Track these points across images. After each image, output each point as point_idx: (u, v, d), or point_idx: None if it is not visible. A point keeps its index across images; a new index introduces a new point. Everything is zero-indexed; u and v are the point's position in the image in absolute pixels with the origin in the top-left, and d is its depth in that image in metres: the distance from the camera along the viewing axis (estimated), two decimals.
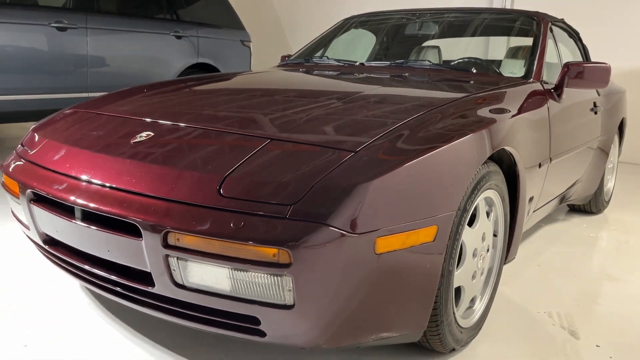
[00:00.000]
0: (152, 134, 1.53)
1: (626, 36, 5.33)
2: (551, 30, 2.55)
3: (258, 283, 1.20)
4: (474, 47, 5.69)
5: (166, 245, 1.24)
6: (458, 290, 1.58)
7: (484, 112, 1.68)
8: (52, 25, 3.94)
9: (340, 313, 1.23)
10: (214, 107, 1.81)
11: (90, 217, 1.39)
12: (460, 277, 1.54)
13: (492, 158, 1.67)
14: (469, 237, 1.55)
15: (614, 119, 3.15)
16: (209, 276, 1.24)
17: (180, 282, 1.28)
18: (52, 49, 3.98)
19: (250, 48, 5.93)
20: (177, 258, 1.25)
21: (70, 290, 1.90)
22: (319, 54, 2.92)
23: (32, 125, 1.88)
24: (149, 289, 1.34)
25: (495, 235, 1.76)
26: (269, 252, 1.16)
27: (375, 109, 1.67)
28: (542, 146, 2.02)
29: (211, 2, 5.61)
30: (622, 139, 3.54)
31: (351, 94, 1.84)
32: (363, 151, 1.31)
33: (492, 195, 1.65)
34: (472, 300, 1.69)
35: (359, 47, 3.39)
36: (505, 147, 1.63)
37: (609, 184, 3.46)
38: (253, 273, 1.19)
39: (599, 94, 2.90)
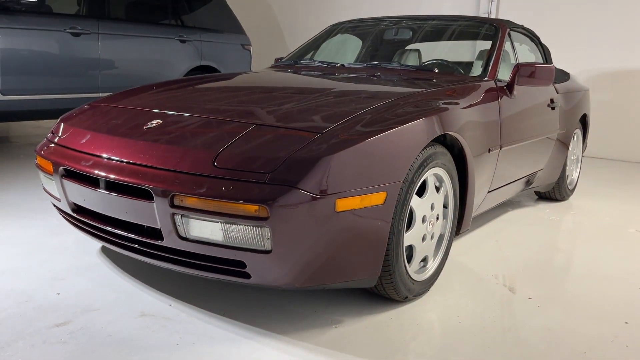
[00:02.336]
0: (161, 121, 1.89)
1: (602, 40, 5.68)
2: (509, 35, 2.90)
3: (244, 233, 1.55)
4: (463, 50, 6.07)
5: (173, 205, 1.59)
6: (411, 249, 1.93)
7: (437, 103, 2.03)
8: (67, 30, 4.31)
9: (309, 259, 1.58)
10: (213, 101, 2.17)
11: (112, 187, 1.74)
12: (411, 237, 1.89)
13: (444, 143, 2.03)
14: (418, 205, 1.90)
15: (574, 115, 3.49)
16: (206, 229, 1.59)
17: (184, 236, 1.63)
18: (66, 53, 4.36)
19: (250, 51, 6.30)
20: (182, 216, 1.60)
21: (89, 255, 2.26)
22: (308, 56, 3.28)
23: (42, 123, 2.24)
24: (159, 243, 1.69)
25: (445, 207, 2.10)
26: (251, 208, 1.51)
27: (344, 101, 2.02)
28: (492, 135, 2.36)
29: (213, 8, 5.98)
30: (586, 133, 3.87)
31: (327, 90, 2.19)
32: (328, 132, 1.66)
33: (440, 173, 2.00)
34: (425, 260, 2.04)
35: (347, 50, 3.74)
36: (451, 132, 1.98)
37: (574, 174, 3.80)
38: (240, 226, 1.54)
39: (557, 92, 3.24)
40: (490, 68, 2.61)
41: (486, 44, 3.12)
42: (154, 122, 1.89)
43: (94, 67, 4.58)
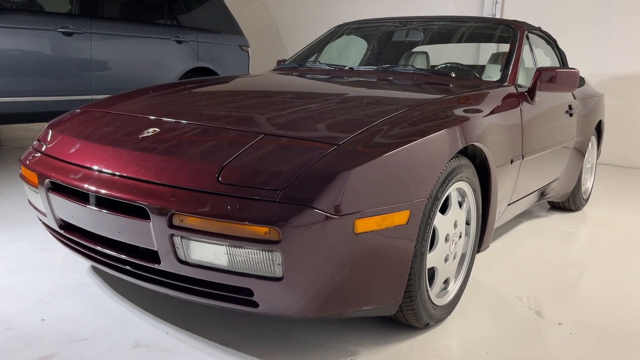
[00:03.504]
0: (158, 129, 1.71)
1: (610, 43, 5.54)
2: (527, 38, 2.74)
3: (251, 258, 1.38)
4: (466, 52, 5.94)
5: (171, 225, 1.42)
6: (433, 271, 1.76)
7: (458, 111, 1.86)
8: (59, 30, 4.12)
9: (324, 286, 1.41)
10: (214, 106, 1.99)
11: (103, 203, 1.56)
12: (433, 259, 1.72)
13: (465, 153, 1.86)
14: (441, 223, 1.73)
15: (590, 122, 3.34)
16: (208, 253, 1.42)
17: (184, 259, 1.46)
18: (58, 53, 4.17)
19: (248, 53, 6.13)
20: (181, 237, 1.42)
21: (79, 274, 2.08)
22: (312, 58, 3.11)
23: (33, 126, 2.06)
24: (156, 266, 1.52)
25: (468, 224, 1.94)
26: (261, 230, 1.33)
27: (359, 108, 1.85)
28: (514, 144, 2.20)
29: (210, 8, 5.80)
30: (600, 140, 3.72)
31: (338, 96, 2.02)
32: (345, 144, 1.49)
33: (464, 187, 1.83)
34: (446, 282, 1.87)
35: (351, 52, 3.58)
36: (476, 143, 1.81)
37: (588, 183, 3.64)
38: (247, 249, 1.37)
39: (575, 98, 3.09)
40: (510, 72, 2.44)
41: (501, 47, 2.97)
42: (151, 130, 1.72)
43: (87, 69, 4.39)
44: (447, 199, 1.77)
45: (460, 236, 1.87)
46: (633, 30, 5.44)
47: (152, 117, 1.83)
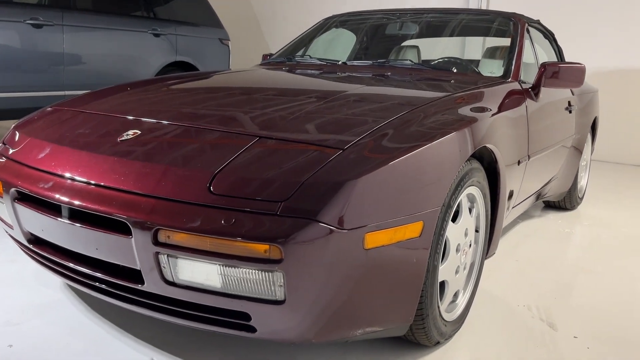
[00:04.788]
0: (139, 131, 1.53)
1: (601, 37, 5.48)
2: (528, 31, 2.62)
3: (249, 279, 1.21)
4: (451, 47, 5.81)
5: (156, 242, 1.25)
6: (442, 285, 1.62)
7: (466, 110, 1.72)
8: (28, 22, 3.87)
9: (330, 307, 1.25)
10: (201, 105, 1.81)
11: (77, 215, 1.38)
12: (444, 271, 1.58)
13: (473, 155, 1.72)
14: (453, 232, 1.59)
15: (587, 118, 3.24)
16: (199, 273, 1.25)
17: (171, 280, 1.29)
18: (27, 47, 3.91)
19: (228, 46, 5.92)
20: (168, 255, 1.25)
21: (51, 289, 1.88)
22: (300, 52, 2.94)
23: (2, 123, 1.86)
24: (138, 287, 1.34)
25: (477, 231, 1.80)
26: (260, 248, 1.17)
27: (360, 107, 1.70)
28: (521, 144, 2.07)
29: (189, 0, 5.58)
30: (594, 137, 3.64)
31: (336, 93, 1.86)
32: (350, 149, 1.33)
33: (474, 192, 1.70)
34: (455, 295, 1.73)
35: (340, 46, 3.42)
36: (487, 145, 1.68)
37: (582, 181, 3.56)
38: (244, 269, 1.20)
39: (572, 94, 2.98)
40: (513, 67, 2.31)
41: (498, 41, 2.85)
42: (131, 132, 1.54)
43: (58, 63, 4.14)
44: (458, 206, 1.63)
45: (470, 245, 1.74)
46: (625, 24, 5.38)
47: (132, 118, 1.64)
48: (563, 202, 3.34)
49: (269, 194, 1.21)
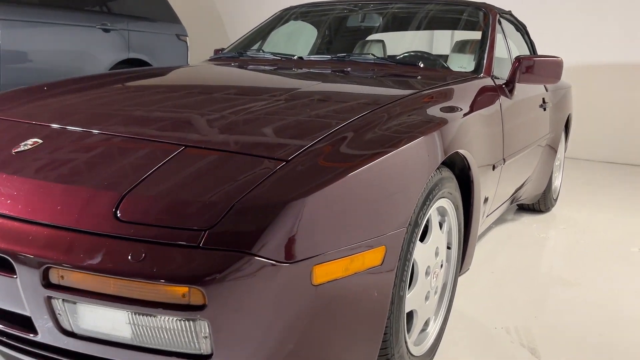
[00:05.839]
0: (40, 141, 1.25)
1: (572, 31, 5.36)
2: (500, 23, 2.41)
3: (166, 329, 0.96)
4: (418, 41, 5.59)
5: (48, 284, 0.98)
6: (410, 315, 1.39)
7: (434, 110, 1.49)
8: None
9: (271, 358, 1.01)
10: (123, 107, 1.53)
11: None
12: (412, 300, 1.34)
13: (443, 162, 1.49)
14: (421, 254, 1.35)
15: (561, 115, 3.07)
16: (104, 322, 0.99)
17: (69, 329, 1.02)
18: None
19: (187, 42, 5.60)
20: (64, 300, 0.99)
21: None
22: (255, 47, 2.68)
23: None
24: (31, 337, 1.07)
25: (449, 248, 1.58)
26: (177, 291, 0.92)
27: (314, 108, 1.45)
28: (495, 147, 1.86)
29: None
30: (567, 135, 3.48)
31: (287, 91, 1.62)
32: (297, 160, 1.08)
33: (445, 205, 1.47)
34: (426, 323, 1.50)
35: (300, 41, 3.17)
36: (459, 150, 1.45)
37: (557, 182, 3.40)
38: (159, 317, 0.95)
39: (546, 90, 2.80)
40: (485, 62, 2.10)
41: (469, 34, 2.64)
42: (30, 142, 1.25)
43: None
44: (427, 222, 1.40)
45: (441, 265, 1.51)
46: (599, 16, 5.27)
47: (35, 123, 1.36)
48: (537, 204, 3.17)
49: (190, 221, 0.96)
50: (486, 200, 1.86)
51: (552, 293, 2.09)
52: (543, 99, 2.66)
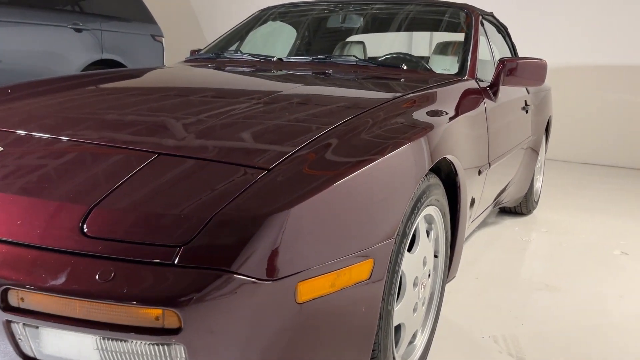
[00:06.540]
0: (0, 148, 1.16)
1: (550, 32, 5.39)
2: (482, 24, 2.38)
3: (138, 354, 0.88)
4: (398, 42, 5.57)
5: (6, 307, 0.89)
6: (397, 328, 1.33)
7: (420, 114, 1.44)
8: None
9: None
10: (92, 111, 1.44)
11: None
12: (399, 313, 1.29)
13: (430, 168, 1.44)
14: (409, 265, 1.30)
15: (542, 118, 3.06)
16: (69, 347, 0.91)
17: (31, 355, 0.93)
18: None
19: (162, 43, 5.48)
20: (24, 324, 0.90)
21: None
22: (232, 48, 2.60)
23: None
24: None
25: (436, 256, 1.53)
26: (150, 313, 0.84)
27: (296, 112, 1.39)
28: (481, 151, 1.82)
29: None
30: (548, 137, 3.48)
31: (267, 94, 1.54)
32: (279, 167, 1.02)
33: (432, 212, 1.42)
34: (413, 335, 1.45)
35: (278, 42, 3.10)
36: (448, 156, 1.40)
37: (537, 184, 3.39)
38: (130, 342, 0.87)
39: (528, 92, 2.78)
40: (469, 64, 2.06)
41: (450, 35, 2.61)
42: None
43: None
44: (415, 231, 1.35)
45: (429, 275, 1.46)
46: (581, 16, 5.31)
47: None
48: (519, 207, 3.15)
49: (163, 236, 0.88)
50: (472, 204, 1.82)
51: (537, 299, 2.06)
52: (525, 101, 2.64)
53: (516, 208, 3.17)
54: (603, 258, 2.56)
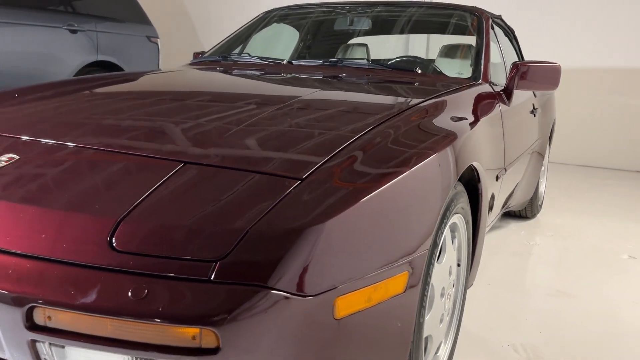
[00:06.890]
0: (16, 157, 1.11)
1: (550, 34, 5.40)
2: (492, 27, 2.36)
3: None
4: (394, 44, 5.55)
5: (32, 325, 0.85)
6: (425, 340, 1.30)
7: (444, 121, 1.41)
8: None
9: None
10: (109, 118, 1.39)
11: None
12: (428, 325, 1.25)
13: None
14: (437, 275, 1.27)
15: (547, 121, 3.05)
16: None
17: None
18: None
19: (157, 44, 5.42)
20: (50, 344, 0.86)
21: None
22: (237, 50, 2.56)
23: None
24: None
25: (458, 265, 1.50)
26: (187, 333, 0.80)
27: (318, 119, 1.35)
28: (497, 156, 1.80)
29: None
30: (551, 140, 3.47)
31: (285, 100, 1.50)
32: (312, 177, 0.98)
33: (457, 220, 1.39)
34: (437, 348, 1.42)
35: (281, 43, 3.07)
36: (474, 163, 1.37)
37: (542, 187, 3.38)
38: None
39: (535, 96, 2.77)
40: (482, 67, 2.04)
41: (459, 38, 2.59)
42: (4, 157, 1.11)
43: None
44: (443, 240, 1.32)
45: (453, 284, 1.43)
46: (582, 19, 5.31)
47: (10, 136, 1.21)
48: (524, 210, 3.14)
49: (198, 251, 0.84)
50: (490, 210, 1.79)
51: (551, 305, 2.04)
52: (533, 104, 2.62)
53: (521, 212, 3.15)
54: (611, 262, 2.55)
